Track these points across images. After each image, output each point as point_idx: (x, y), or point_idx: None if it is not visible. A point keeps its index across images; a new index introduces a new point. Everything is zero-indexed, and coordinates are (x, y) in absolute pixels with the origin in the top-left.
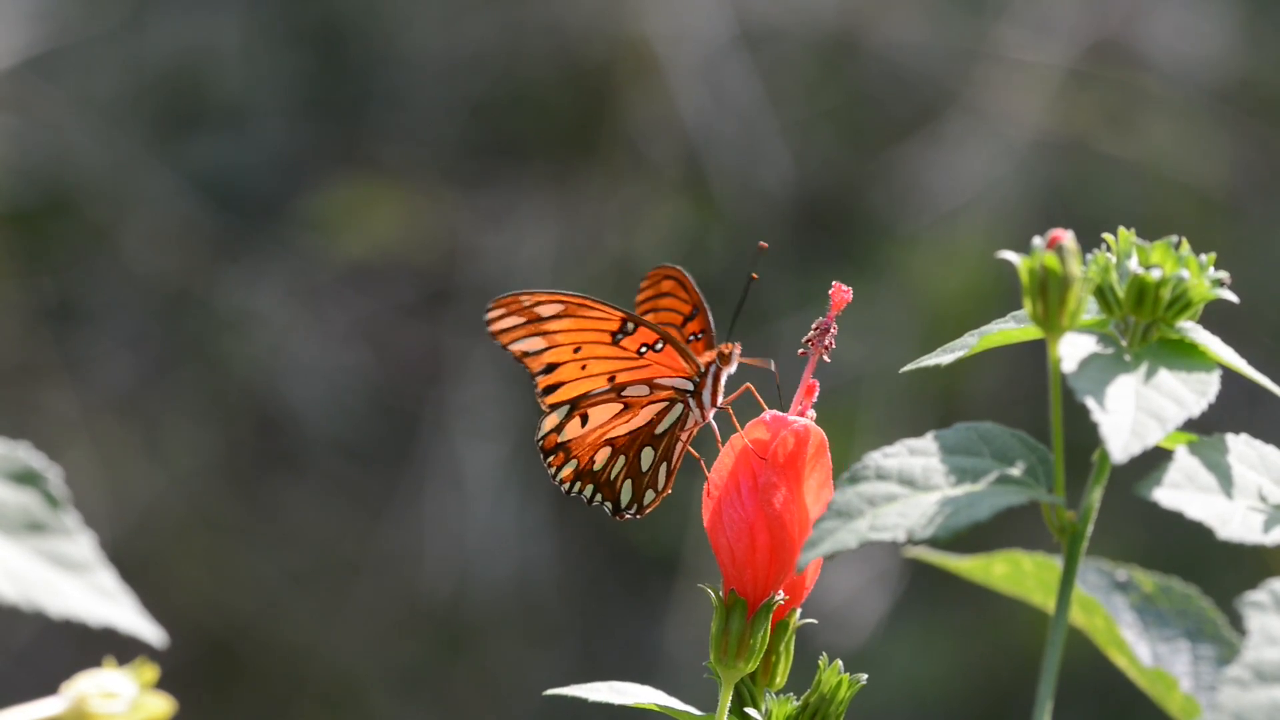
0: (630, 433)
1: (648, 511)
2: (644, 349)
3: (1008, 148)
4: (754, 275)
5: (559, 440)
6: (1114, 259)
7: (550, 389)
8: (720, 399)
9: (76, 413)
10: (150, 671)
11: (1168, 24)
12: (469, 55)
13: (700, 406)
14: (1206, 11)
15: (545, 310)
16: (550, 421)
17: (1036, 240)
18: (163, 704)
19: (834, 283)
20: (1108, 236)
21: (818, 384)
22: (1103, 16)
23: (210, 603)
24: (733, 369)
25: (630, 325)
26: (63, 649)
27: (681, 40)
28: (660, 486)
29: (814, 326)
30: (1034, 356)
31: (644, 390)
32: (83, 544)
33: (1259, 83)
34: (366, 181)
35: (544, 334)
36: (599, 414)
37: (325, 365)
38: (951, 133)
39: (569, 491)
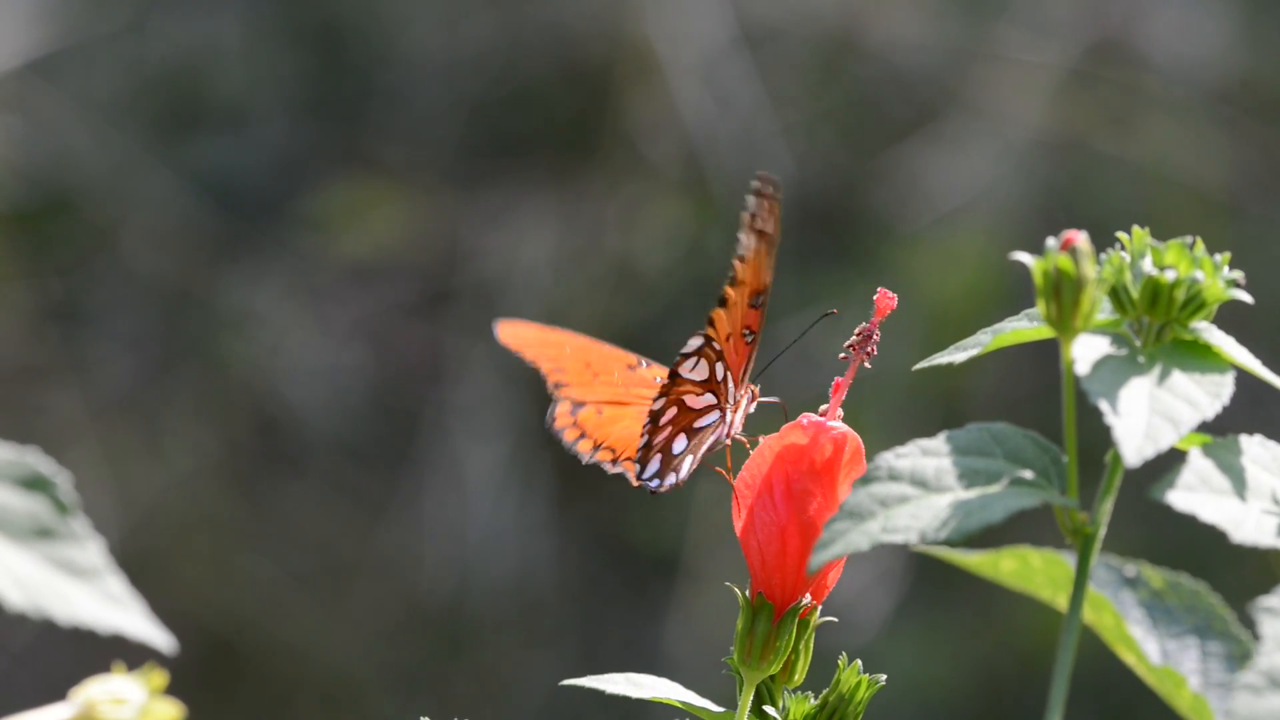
0: (685, 410)
1: (661, 492)
2: (746, 334)
3: (1008, 148)
4: (834, 310)
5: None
6: (1128, 259)
7: (721, 301)
8: (740, 426)
9: (77, 413)
10: (159, 677)
11: (1168, 24)
12: (469, 55)
13: (730, 424)
14: (1206, 11)
15: (765, 222)
16: (693, 343)
17: (1050, 241)
18: (172, 710)
19: (879, 288)
20: (1122, 236)
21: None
22: (1103, 16)
23: (210, 602)
24: (752, 408)
25: (762, 299)
26: (63, 650)
27: (681, 40)
28: (682, 474)
29: (856, 332)
30: (1036, 354)
31: (721, 373)
32: (91, 550)
33: (1259, 83)
34: (366, 181)
35: (753, 243)
36: (701, 369)
37: (325, 365)
38: (951, 133)
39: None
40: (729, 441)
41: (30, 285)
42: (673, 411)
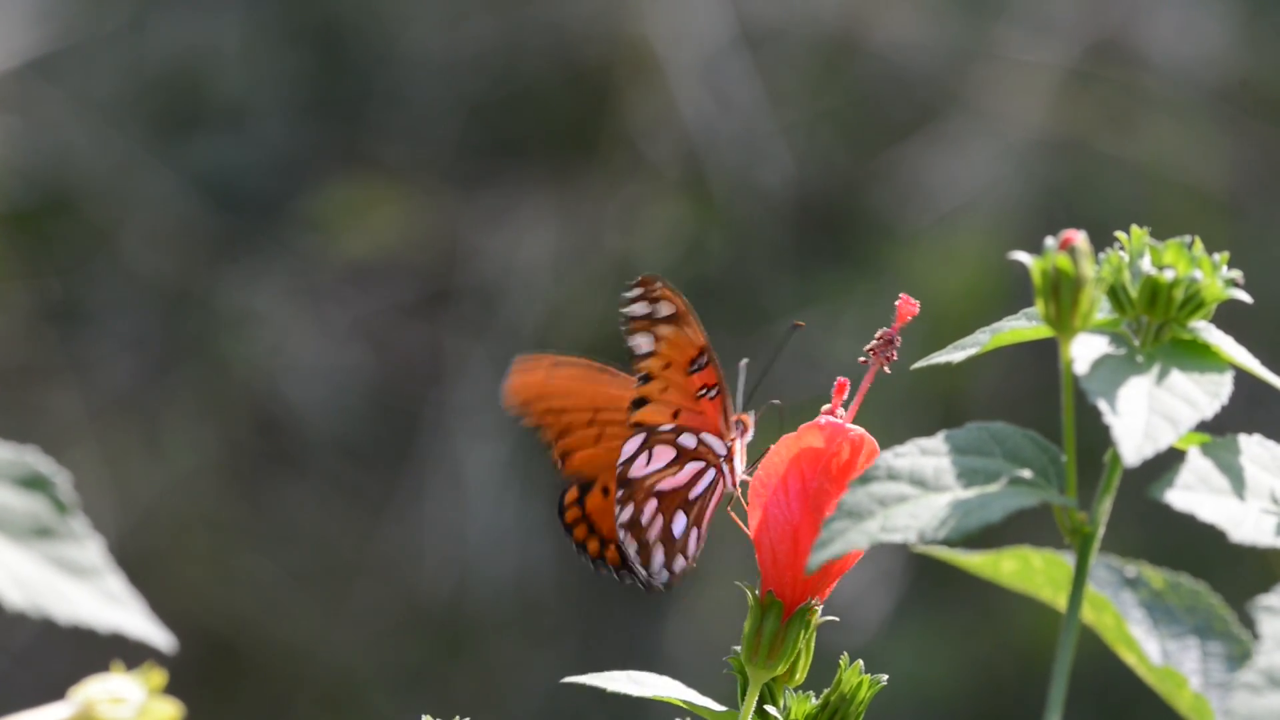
0: (673, 489)
1: (675, 582)
2: (702, 391)
3: (1008, 148)
4: (799, 326)
5: (628, 473)
6: (1126, 258)
7: (639, 403)
8: (744, 465)
9: (77, 413)
10: (158, 676)
11: (1168, 24)
12: (469, 55)
13: (732, 472)
14: (1206, 11)
15: (663, 309)
16: (629, 447)
17: (1049, 241)
18: (171, 709)
19: (901, 294)
20: (1120, 235)
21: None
22: (1103, 16)
23: (210, 602)
24: (749, 438)
25: (703, 359)
26: (63, 649)
27: (681, 40)
28: (690, 553)
29: (877, 336)
30: (1035, 354)
31: (692, 442)
32: (91, 549)
33: (1259, 83)
34: (366, 181)
35: (655, 336)
36: (660, 456)
37: (325, 365)
38: (951, 133)
39: (622, 541)
40: (737, 489)
41: (30, 285)
42: (652, 504)
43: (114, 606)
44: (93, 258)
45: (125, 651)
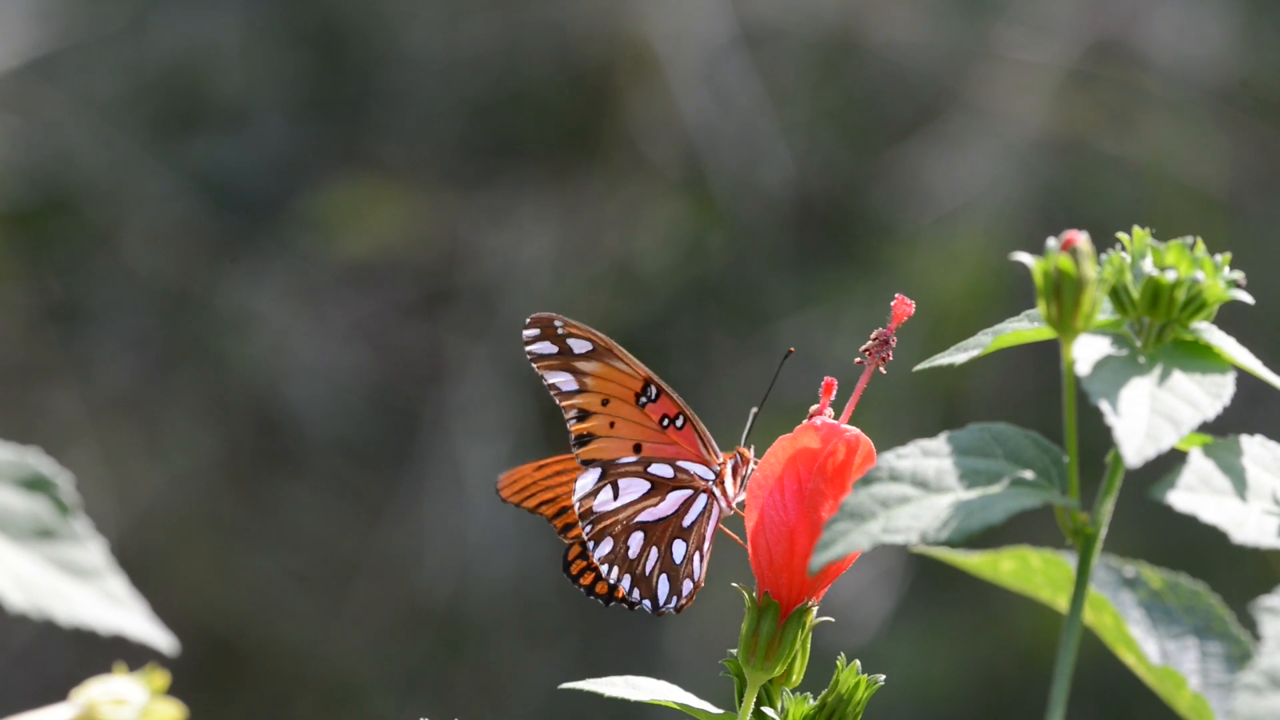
0: (660, 520)
1: (686, 606)
2: (666, 422)
3: (1008, 148)
4: (790, 350)
5: (591, 507)
6: (1128, 259)
7: (582, 440)
8: (741, 491)
9: (77, 413)
10: (160, 678)
11: (1168, 24)
12: (469, 55)
13: (725, 496)
14: (1206, 12)
15: (576, 345)
16: (585, 483)
17: (1050, 242)
18: (172, 710)
19: (897, 295)
20: (1122, 236)
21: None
22: (1103, 16)
23: (210, 602)
24: (750, 469)
25: (653, 390)
26: (64, 650)
27: (681, 40)
28: (696, 576)
29: (873, 337)
30: (1035, 355)
31: (669, 471)
32: (93, 551)
33: (1259, 83)
34: (366, 181)
35: (575, 373)
36: (629, 489)
37: (325, 365)
38: (951, 133)
39: (606, 575)
40: (734, 509)
41: (30, 285)
42: (638, 537)
43: (115, 608)
44: (93, 258)
45: (127, 652)
